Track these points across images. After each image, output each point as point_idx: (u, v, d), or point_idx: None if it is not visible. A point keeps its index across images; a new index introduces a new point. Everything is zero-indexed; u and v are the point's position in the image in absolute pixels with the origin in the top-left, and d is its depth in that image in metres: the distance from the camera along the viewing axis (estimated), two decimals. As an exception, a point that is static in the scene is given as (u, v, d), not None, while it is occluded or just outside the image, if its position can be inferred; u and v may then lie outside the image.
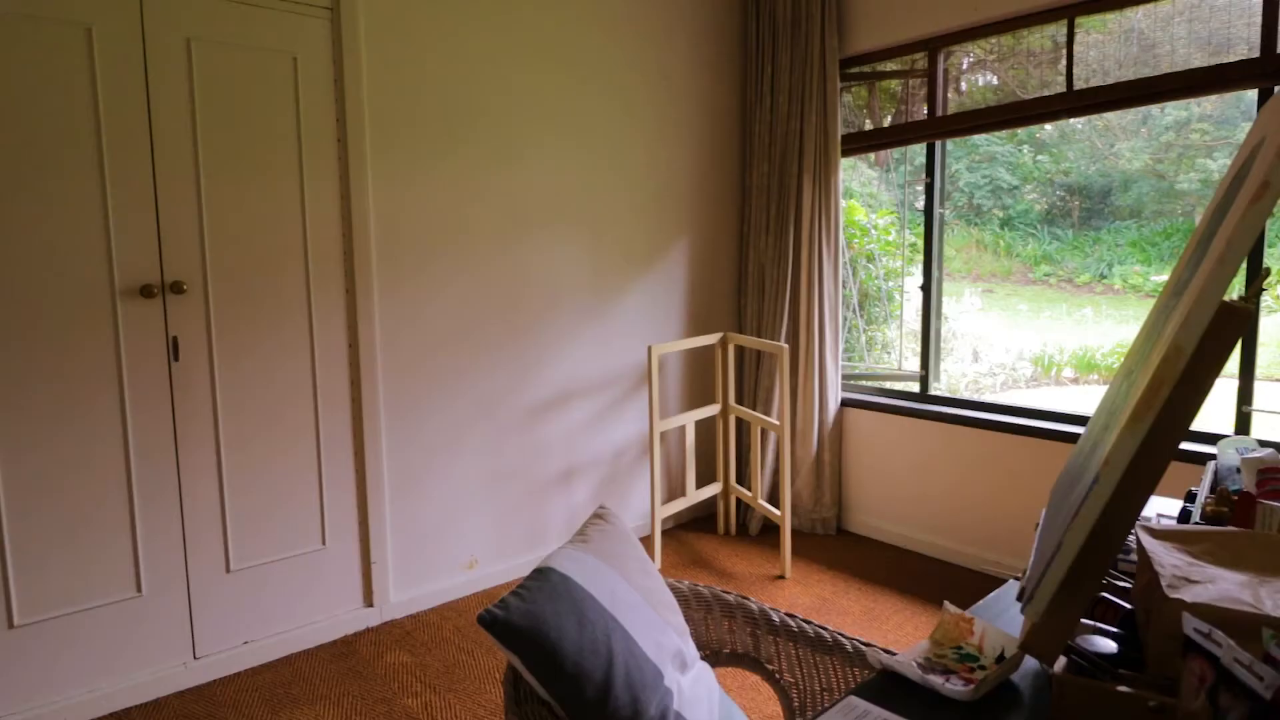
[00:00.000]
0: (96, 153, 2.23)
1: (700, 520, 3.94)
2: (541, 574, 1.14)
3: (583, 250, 3.38)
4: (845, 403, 3.75)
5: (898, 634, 2.77)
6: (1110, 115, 3.68)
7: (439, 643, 2.72)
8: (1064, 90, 3.04)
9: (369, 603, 2.85)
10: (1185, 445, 2.73)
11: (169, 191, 2.35)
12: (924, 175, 3.55)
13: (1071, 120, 3.54)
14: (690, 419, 3.45)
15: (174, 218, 2.37)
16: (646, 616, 1.21)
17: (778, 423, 3.30)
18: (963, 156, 4.36)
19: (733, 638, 1.50)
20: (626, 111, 3.48)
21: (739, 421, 3.92)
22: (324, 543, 2.73)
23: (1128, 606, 1.06)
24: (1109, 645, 0.96)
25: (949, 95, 3.51)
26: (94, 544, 2.29)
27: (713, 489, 3.68)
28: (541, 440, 3.31)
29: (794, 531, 3.75)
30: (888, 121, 3.97)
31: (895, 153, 4.05)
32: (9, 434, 2.14)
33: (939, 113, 3.44)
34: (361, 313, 2.75)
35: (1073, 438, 3.01)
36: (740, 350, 3.93)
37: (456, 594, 3.08)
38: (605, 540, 1.32)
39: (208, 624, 2.50)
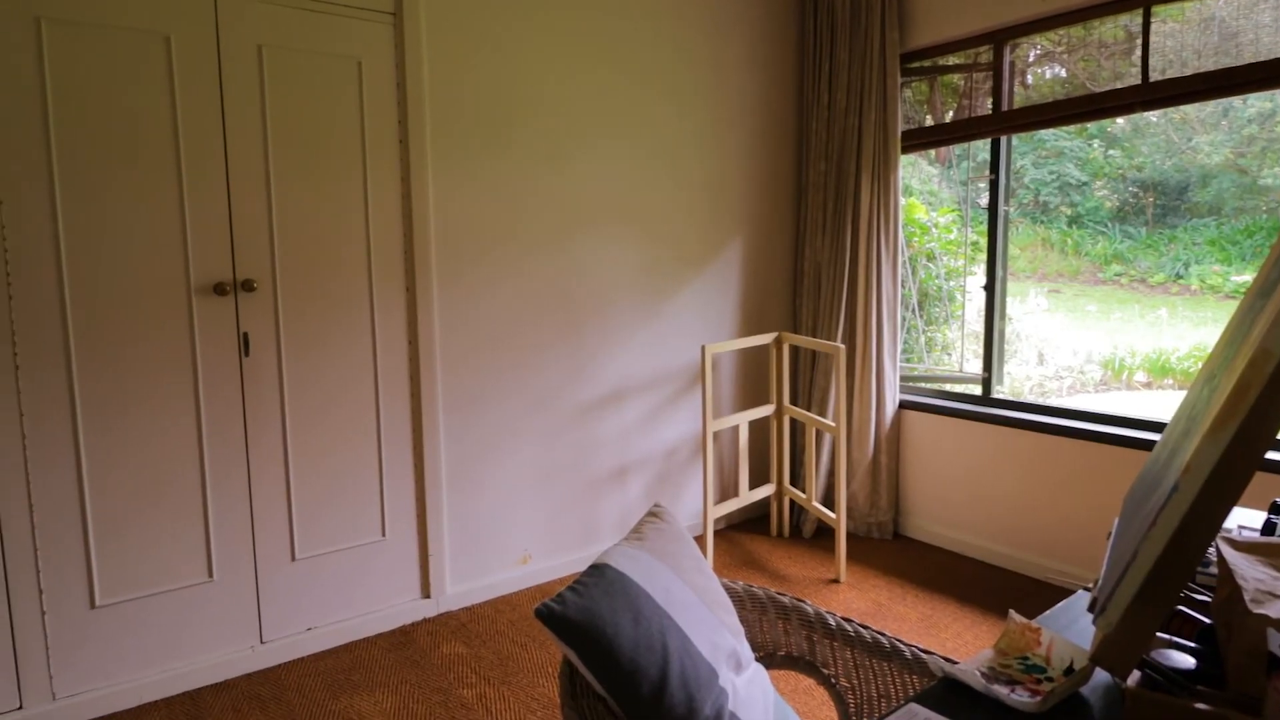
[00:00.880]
0: (175, 157, 2.33)
1: (753, 521, 3.91)
2: (597, 570, 1.15)
3: (636, 248, 3.39)
4: (903, 404, 3.68)
5: (957, 643, 2.71)
6: (1188, 107, 3.51)
7: (493, 635, 2.77)
8: (1138, 82, 2.92)
9: (426, 594, 2.92)
10: (1271, 454, 2.60)
11: (241, 193, 2.45)
12: (987, 171, 3.46)
13: (1146, 113, 3.40)
14: (744, 419, 3.43)
15: (246, 218, 2.46)
16: (701, 616, 1.21)
17: (833, 424, 3.26)
18: (1028, 152, 4.23)
19: (787, 640, 1.49)
20: (680, 109, 3.47)
21: (793, 422, 3.88)
22: (384, 534, 2.80)
23: (1206, 621, 1.02)
24: (1186, 660, 0.92)
25: (1015, 89, 3.40)
26: (169, 529, 2.39)
27: (766, 490, 3.65)
28: (594, 437, 3.33)
29: (849, 535, 3.69)
30: (949, 117, 3.88)
31: (957, 149, 3.95)
32: (95, 426, 2.25)
33: (1004, 107, 3.34)
34: (421, 309, 2.81)
35: (1145, 444, 2.89)
36: (795, 350, 3.89)
37: (510, 588, 3.12)
38: (660, 538, 1.32)
39: (274, 610, 2.59)
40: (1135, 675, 0.91)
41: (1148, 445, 2.88)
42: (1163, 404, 3.83)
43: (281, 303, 2.54)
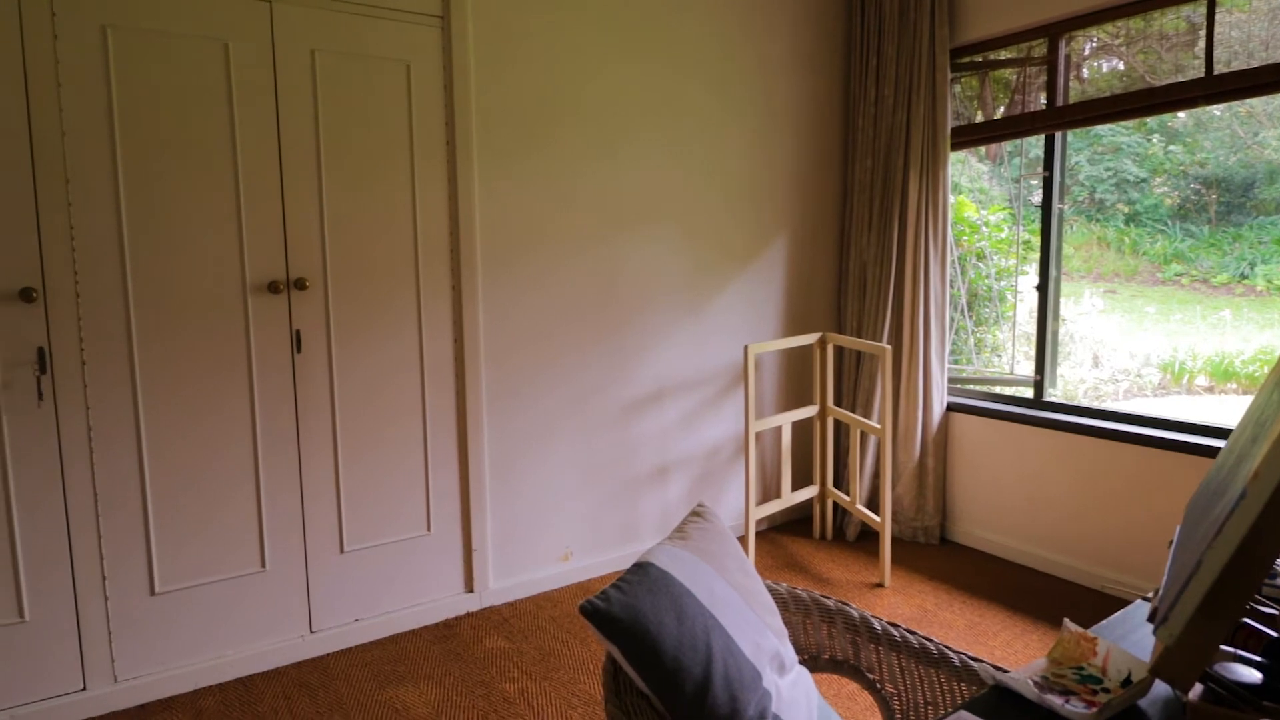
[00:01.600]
0: (232, 159, 2.40)
1: (795, 523, 3.88)
2: (641, 568, 1.15)
3: (678, 247, 3.39)
4: (951, 407, 3.61)
5: (1006, 651, 2.65)
6: (1254, 101, 3.38)
7: (535, 631, 2.79)
8: (1202, 75, 2.82)
9: (469, 588, 2.96)
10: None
11: (294, 194, 2.51)
12: (1041, 168, 3.37)
13: (1209, 107, 3.27)
14: (787, 420, 3.40)
15: (298, 219, 2.52)
16: (745, 616, 1.20)
17: (879, 426, 3.21)
18: (1084, 148, 4.11)
19: (832, 644, 1.47)
20: (724, 106, 3.46)
21: (837, 424, 3.83)
22: (429, 529, 2.85)
23: (1274, 634, 0.98)
24: (1252, 675, 0.89)
25: (1070, 83, 3.31)
26: (225, 520, 2.47)
27: (809, 492, 3.61)
28: (636, 436, 3.34)
29: (893, 539, 3.63)
30: (1000, 113, 3.79)
31: (1008, 145, 3.86)
32: (155, 420, 2.34)
33: (1059, 102, 3.25)
34: (466, 307, 2.85)
35: (1208, 450, 2.78)
36: (840, 351, 3.84)
37: (551, 584, 3.15)
38: (704, 538, 1.31)
39: (323, 600, 2.66)
40: (1198, 689, 0.88)
41: (1211, 451, 2.78)
42: (1226, 409, 3.69)
43: (332, 301, 2.60)
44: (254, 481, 2.51)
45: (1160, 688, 1.01)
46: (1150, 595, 1.25)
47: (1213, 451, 2.77)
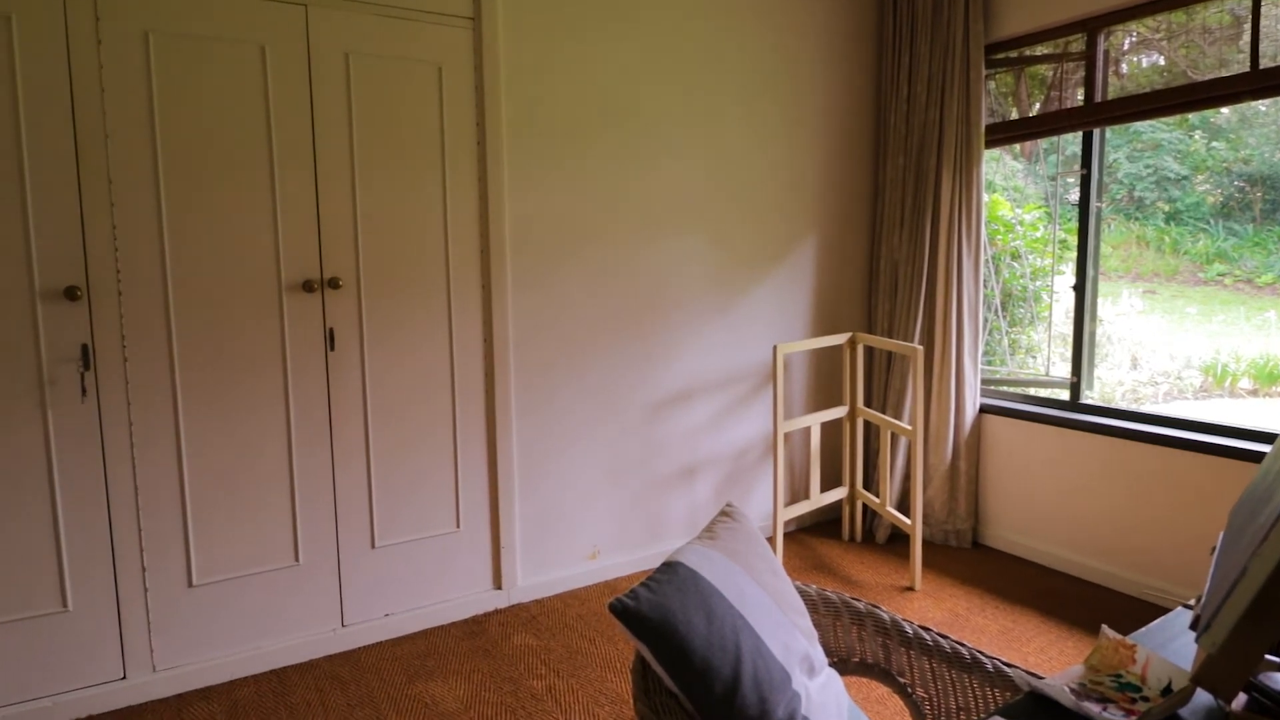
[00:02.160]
0: (268, 160, 2.45)
1: (824, 525, 3.85)
2: (670, 568, 1.15)
3: (707, 246, 3.38)
4: (984, 409, 3.55)
5: (1040, 658, 2.60)
6: (1304, 95, 3.27)
7: (562, 628, 2.80)
8: (1246, 69, 2.74)
9: (498, 585, 2.98)
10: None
11: (329, 195, 2.55)
12: (1077, 166, 3.30)
13: (1254, 103, 3.19)
14: (816, 420, 3.37)
15: (332, 219, 2.56)
16: (774, 617, 1.19)
17: (910, 427, 3.17)
18: (1123, 145, 4.03)
19: (862, 647, 1.46)
20: (754, 106, 3.44)
21: (867, 425, 3.79)
22: (458, 526, 2.88)
23: (1325, 645, 0.95)
24: (1301, 686, 0.86)
25: (1108, 79, 3.24)
26: (260, 514, 2.51)
27: (838, 493, 3.58)
28: (663, 436, 3.34)
29: (924, 542, 3.59)
30: (1035, 109, 3.72)
31: (1044, 143, 3.79)
32: (193, 415, 2.39)
33: (1098, 98, 3.19)
34: (496, 307, 2.87)
35: (1253, 455, 2.71)
36: (870, 351, 3.80)
37: (578, 583, 3.16)
38: (733, 539, 1.31)
39: (354, 595, 2.69)
40: (1241, 699, 0.86)
41: (1255, 456, 2.70)
42: (1271, 413, 3.58)
43: (365, 300, 2.63)
44: (288, 476, 2.55)
45: (1202, 697, 0.98)
46: (1191, 602, 1.22)
47: (1257, 456, 2.70)
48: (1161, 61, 3.44)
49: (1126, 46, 3.50)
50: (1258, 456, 2.69)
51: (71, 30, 2.15)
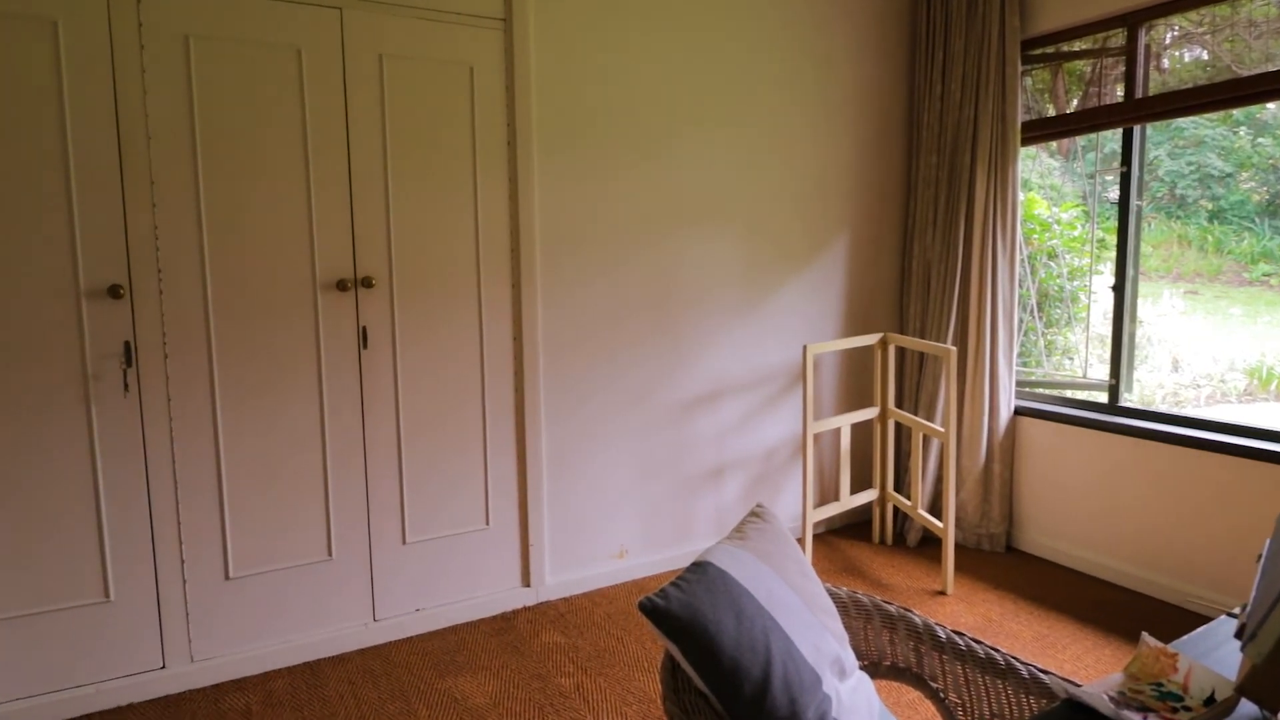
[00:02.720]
0: (304, 161, 2.49)
1: (854, 527, 3.81)
2: (700, 567, 1.15)
3: (736, 246, 3.37)
4: (1019, 411, 3.49)
5: (1076, 665, 2.55)
6: (1356, 89, 3.17)
7: (590, 627, 2.81)
8: (1298, 62, 2.66)
9: (526, 583, 3.00)
10: None
11: (362, 195, 2.58)
12: (1117, 163, 3.23)
13: (1305, 97, 3.09)
14: (846, 421, 3.34)
15: (366, 219, 2.59)
16: (804, 619, 1.19)
17: (942, 429, 3.13)
18: (1164, 142, 3.93)
19: (893, 650, 1.44)
20: (784, 103, 3.42)
21: (898, 426, 3.75)
22: (487, 523, 2.90)
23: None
24: (1354, 699, 0.83)
25: (1150, 74, 3.16)
26: (294, 509, 2.56)
27: (868, 495, 3.55)
28: (692, 435, 3.33)
29: (957, 546, 3.54)
30: (1073, 106, 3.65)
31: (1082, 140, 3.72)
32: (231, 411, 2.44)
33: (1138, 94, 3.11)
34: (525, 306, 2.88)
35: (1298, 460, 2.63)
36: (901, 352, 3.76)
37: (606, 581, 3.16)
38: (762, 539, 1.30)
39: (385, 590, 2.73)
40: (1292, 711, 0.83)
41: (1302, 462, 2.62)
42: (1320, 417, 3.47)
43: (397, 299, 2.66)
44: (322, 472, 2.59)
45: (1246, 707, 0.96)
46: (1236, 611, 1.19)
47: (1305, 462, 2.62)
48: (1205, 56, 3.36)
49: (1168, 41, 3.41)
50: (1306, 462, 2.61)
51: (115, 35, 2.21)
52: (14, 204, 2.13)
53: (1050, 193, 4.00)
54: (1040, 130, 3.46)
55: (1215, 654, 1.14)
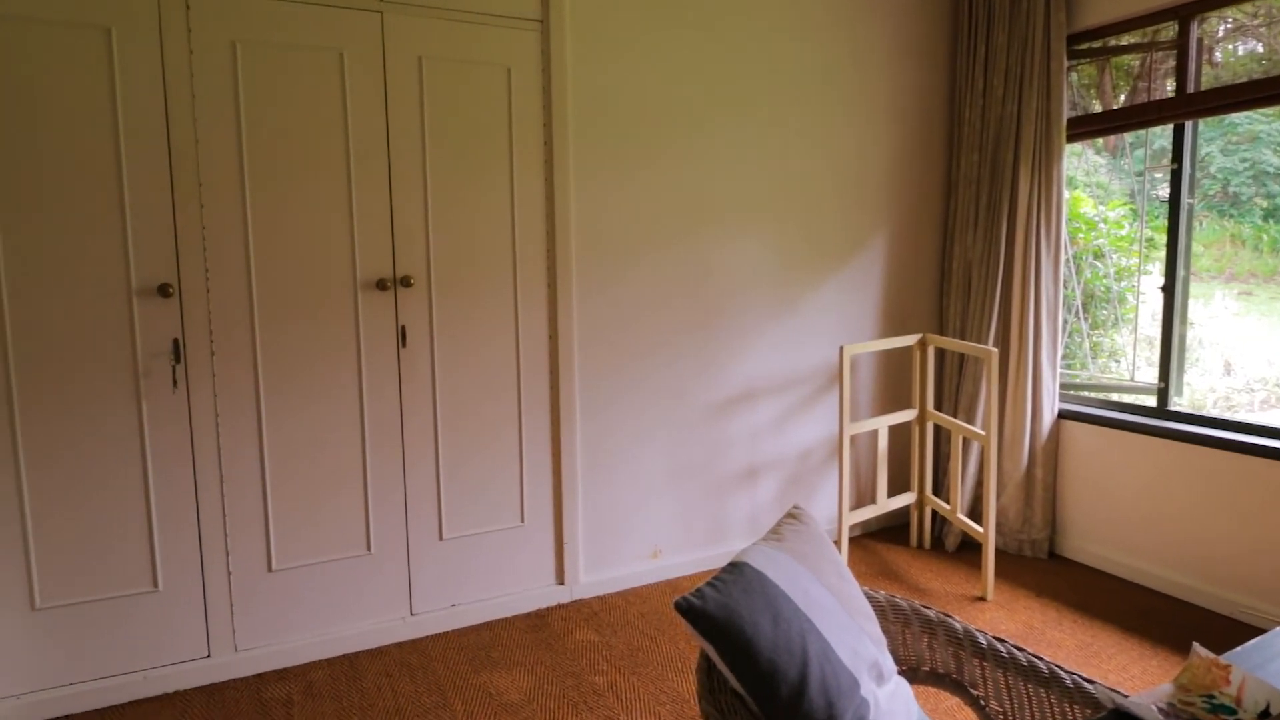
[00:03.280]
0: (345, 163, 2.53)
1: (891, 530, 3.76)
2: (736, 568, 1.14)
3: (771, 246, 3.34)
4: (1063, 414, 3.41)
5: (1121, 675, 2.48)
6: None
7: (624, 625, 2.81)
8: (1362, 54, 2.56)
9: (560, 581, 3.01)
10: None
11: (401, 195, 2.62)
12: (1166, 160, 3.14)
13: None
14: (883, 423, 3.30)
15: (405, 219, 2.63)
16: (842, 622, 1.17)
17: (983, 432, 3.07)
18: (1216, 138, 3.81)
19: (932, 656, 1.42)
20: (822, 101, 3.39)
21: (937, 429, 3.69)
22: (522, 520, 2.92)
23: None
24: None
25: (1201, 68, 3.07)
26: (335, 504, 2.60)
27: (906, 499, 3.50)
28: (725, 435, 3.32)
29: (997, 551, 3.47)
30: (1120, 101, 3.56)
31: (1129, 137, 3.62)
32: (275, 407, 2.49)
33: (1190, 89, 3.02)
34: (561, 305, 2.90)
35: (1360, 468, 2.53)
36: (940, 353, 3.70)
37: (640, 581, 3.16)
38: (799, 540, 1.29)
39: (423, 585, 2.76)
40: (1355, 728, 0.80)
41: (1364, 469, 2.52)
42: (1383, 423, 3.33)
43: (435, 298, 2.70)
44: (361, 468, 2.63)
45: (1307, 724, 0.92)
46: (1295, 623, 1.15)
47: (1367, 469, 2.51)
48: (1260, 49, 3.25)
49: (1221, 34, 3.31)
50: (1368, 470, 2.51)
51: (165, 42, 2.27)
52: (70, 206, 2.21)
53: (1096, 191, 3.90)
54: (1086, 127, 3.38)
55: (1270, 666, 1.11)
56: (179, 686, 2.42)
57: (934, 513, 3.59)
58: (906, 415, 3.41)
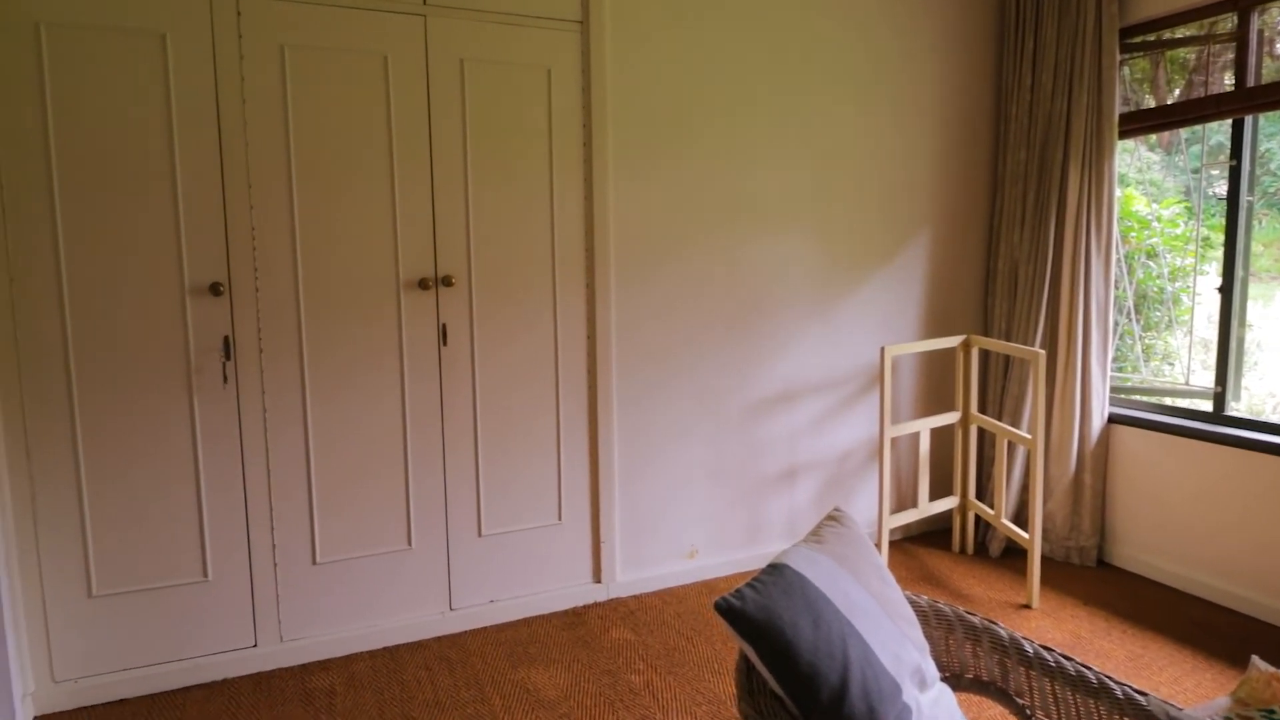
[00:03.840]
0: (389, 164, 2.57)
1: (932, 535, 3.69)
2: (776, 569, 1.13)
3: (811, 245, 3.31)
4: (1113, 418, 3.32)
5: (1173, 688, 2.40)
6: None
7: (660, 625, 2.81)
8: None
9: (597, 579, 3.02)
10: None
11: (443, 196, 2.66)
12: (1223, 157, 3.03)
13: None
14: (925, 426, 3.24)
15: (446, 219, 2.67)
16: (884, 626, 1.16)
17: (1029, 436, 3.00)
18: (1277, 133, 3.67)
19: (976, 663, 1.39)
20: (863, 99, 3.34)
21: (981, 432, 3.62)
22: (560, 518, 2.94)
23: None
24: None
25: (1263, 61, 2.95)
26: (377, 498, 2.65)
27: (948, 503, 3.43)
28: (764, 436, 3.29)
29: (1043, 558, 3.39)
30: (1174, 96, 3.44)
31: (1185, 132, 3.50)
32: (319, 405, 2.54)
33: (1250, 82, 2.91)
34: (599, 305, 2.91)
35: None
36: (985, 355, 3.62)
37: (676, 581, 3.16)
38: (840, 543, 1.28)
39: (462, 580, 2.80)
40: None
41: None
42: None
43: (475, 297, 2.73)
44: (403, 464, 2.68)
45: (1377, 744, 0.88)
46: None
47: None
48: (1327, 40, 3.11)
49: (1285, 24, 3.18)
50: None
51: (218, 47, 2.34)
52: (128, 207, 2.28)
53: (1149, 188, 3.79)
54: (1139, 123, 3.28)
55: (1338, 683, 1.06)
56: (227, 675, 2.49)
57: (977, 518, 3.52)
58: (949, 418, 3.35)
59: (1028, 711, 1.32)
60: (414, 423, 2.68)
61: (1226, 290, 3.03)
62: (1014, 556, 3.42)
